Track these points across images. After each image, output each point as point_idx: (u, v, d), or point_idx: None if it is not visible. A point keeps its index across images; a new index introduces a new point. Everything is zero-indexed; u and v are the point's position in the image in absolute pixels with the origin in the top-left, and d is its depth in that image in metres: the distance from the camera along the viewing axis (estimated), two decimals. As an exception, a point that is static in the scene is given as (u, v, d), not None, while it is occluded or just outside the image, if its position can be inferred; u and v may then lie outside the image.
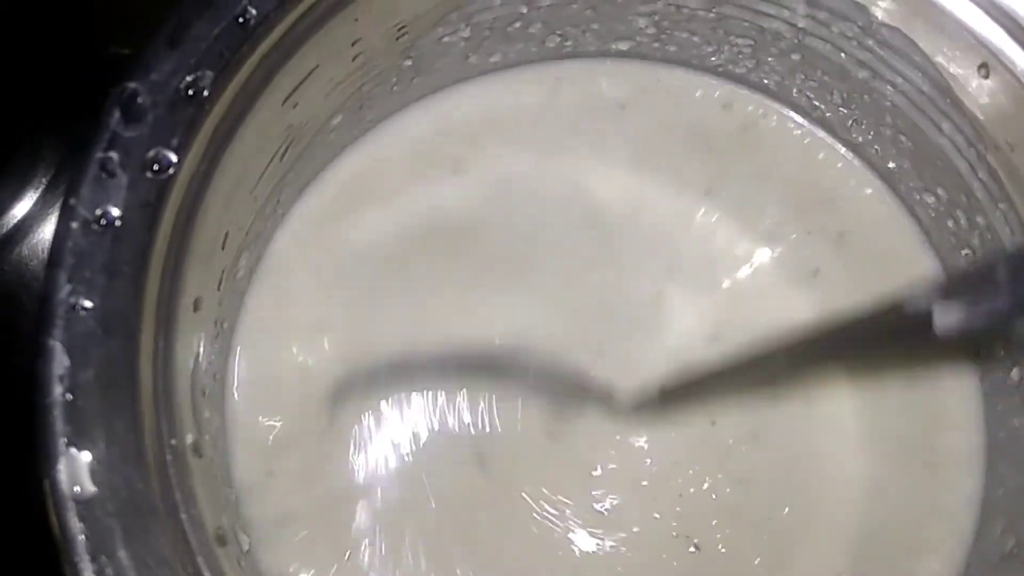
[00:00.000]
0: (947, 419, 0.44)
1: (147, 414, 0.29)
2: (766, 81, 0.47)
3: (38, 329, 0.28)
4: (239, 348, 0.43)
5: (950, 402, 0.44)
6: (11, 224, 0.51)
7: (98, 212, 0.29)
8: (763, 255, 0.46)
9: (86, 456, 0.28)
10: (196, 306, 0.34)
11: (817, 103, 0.47)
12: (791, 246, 0.46)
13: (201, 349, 0.36)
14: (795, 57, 0.45)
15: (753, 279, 0.45)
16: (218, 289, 0.39)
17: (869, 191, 0.48)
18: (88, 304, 0.29)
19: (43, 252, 0.51)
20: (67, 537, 0.27)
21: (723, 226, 0.46)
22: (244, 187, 0.37)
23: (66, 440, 0.28)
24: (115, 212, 0.29)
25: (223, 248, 0.37)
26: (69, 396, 0.28)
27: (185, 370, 0.33)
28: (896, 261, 0.46)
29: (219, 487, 0.37)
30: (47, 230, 0.51)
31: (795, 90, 0.47)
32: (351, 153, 0.46)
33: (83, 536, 0.27)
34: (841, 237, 0.47)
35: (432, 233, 0.45)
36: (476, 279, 0.45)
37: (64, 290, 0.28)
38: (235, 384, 0.43)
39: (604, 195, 0.47)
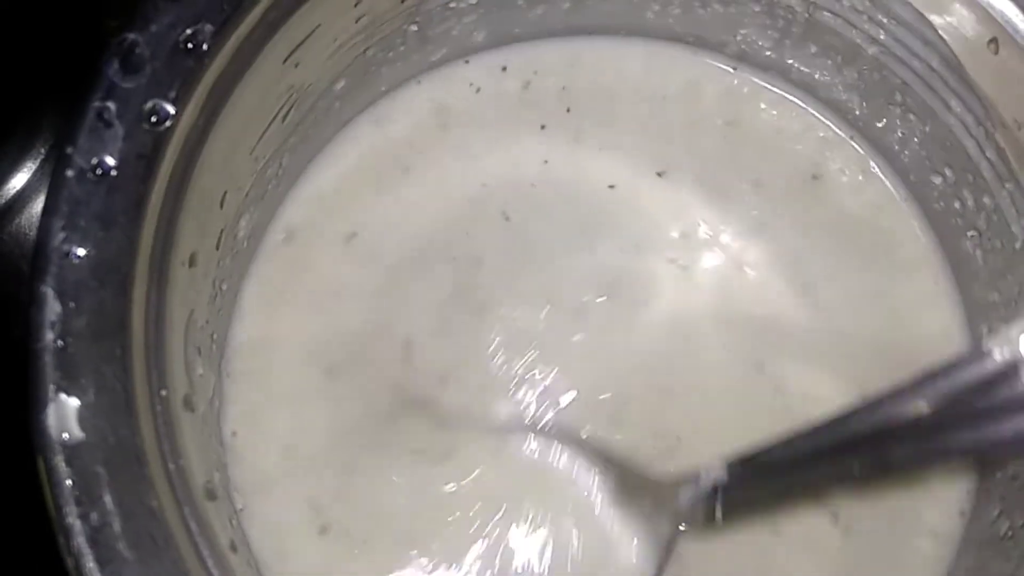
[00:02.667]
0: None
1: (137, 364, 0.29)
2: (770, 55, 0.47)
3: (32, 276, 0.28)
4: (242, 312, 0.43)
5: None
6: (10, 195, 0.51)
7: (94, 161, 0.29)
8: (756, 242, 0.45)
9: (74, 402, 0.28)
10: (192, 262, 0.34)
11: (825, 80, 0.46)
12: (785, 229, 0.46)
13: (197, 306, 0.36)
14: (805, 32, 0.44)
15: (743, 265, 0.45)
16: (216, 249, 0.39)
17: (873, 170, 0.47)
18: (81, 252, 0.29)
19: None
20: (53, 481, 0.27)
21: (728, 209, 0.46)
22: (243, 146, 0.37)
23: (55, 386, 0.28)
24: (111, 162, 0.29)
25: (221, 207, 0.37)
26: (60, 343, 0.28)
27: (179, 325, 0.33)
28: (897, 244, 0.46)
29: (212, 443, 0.37)
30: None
31: (802, 67, 0.46)
32: (361, 122, 0.46)
33: (69, 481, 0.27)
34: (841, 217, 0.46)
35: (450, 206, 0.45)
36: (502, 251, 0.44)
37: (58, 238, 0.29)
38: (236, 347, 0.43)
39: (610, 175, 0.46)
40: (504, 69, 0.47)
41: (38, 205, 0.51)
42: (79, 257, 0.29)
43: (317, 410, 0.42)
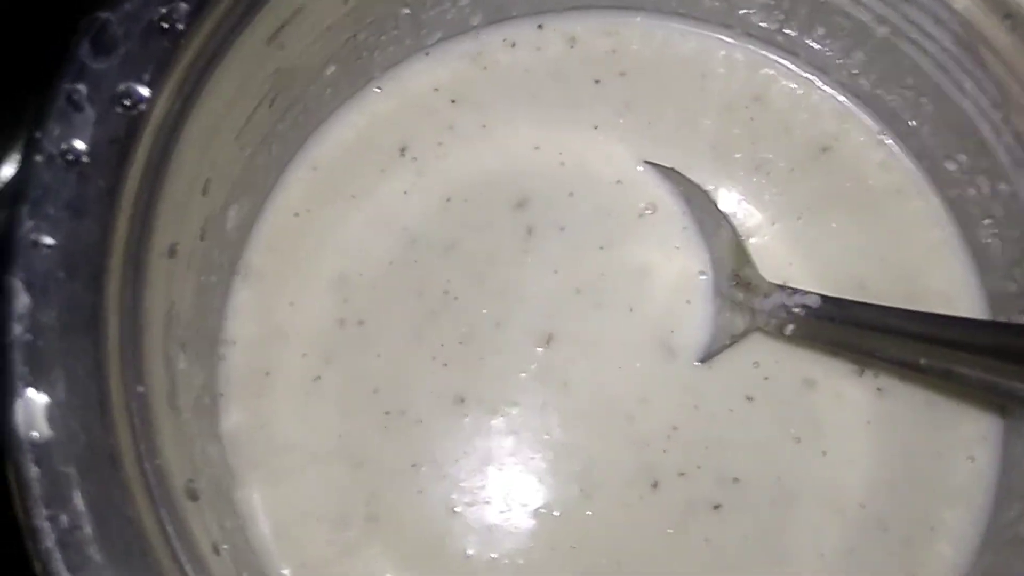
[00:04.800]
0: (966, 398, 0.42)
1: (111, 359, 0.28)
2: (780, 39, 0.45)
3: (1, 266, 0.27)
4: (234, 306, 0.42)
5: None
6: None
7: (64, 147, 0.28)
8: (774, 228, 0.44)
9: (43, 399, 0.26)
10: (172, 253, 0.33)
11: (837, 63, 0.45)
12: (804, 218, 0.44)
13: (179, 299, 0.34)
14: (811, 13, 0.43)
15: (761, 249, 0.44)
16: (201, 239, 0.37)
17: (886, 157, 0.45)
18: (50, 242, 0.27)
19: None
20: (21, 482, 0.26)
21: (737, 190, 0.44)
22: (227, 131, 0.36)
23: (23, 382, 0.26)
24: (81, 147, 0.28)
25: (204, 194, 0.36)
26: (29, 336, 0.27)
27: (157, 319, 0.31)
28: (916, 230, 0.44)
29: (200, 441, 0.35)
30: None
31: (813, 49, 0.45)
32: (352, 108, 0.45)
33: (37, 481, 0.26)
34: (859, 207, 0.45)
35: (446, 194, 0.44)
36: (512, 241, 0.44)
37: (26, 226, 0.27)
38: (228, 341, 0.42)
39: (607, 162, 0.45)
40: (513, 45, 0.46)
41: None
42: (48, 247, 0.27)
43: (319, 402, 0.41)
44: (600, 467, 0.41)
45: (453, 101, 0.45)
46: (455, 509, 0.41)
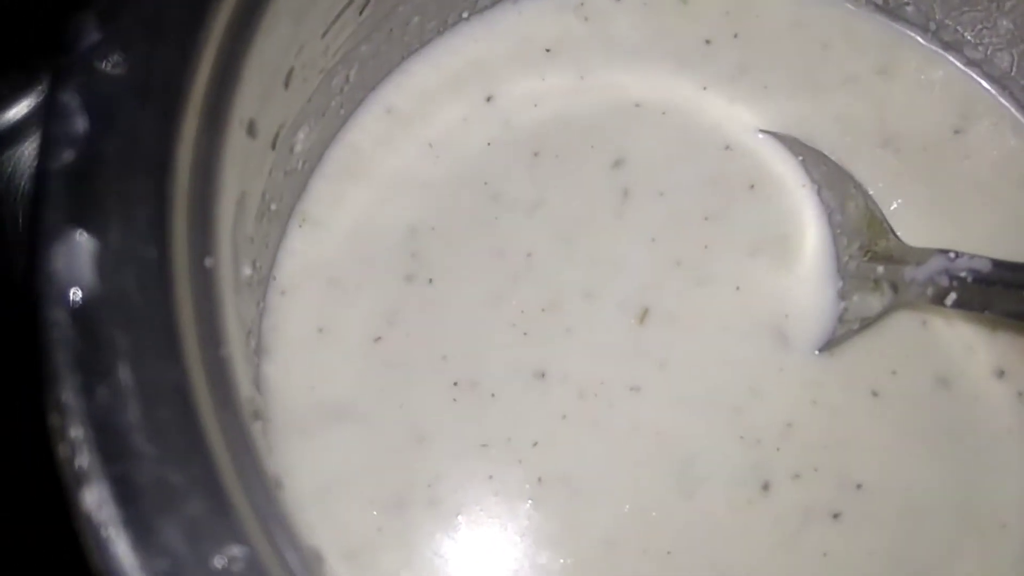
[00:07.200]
0: None
1: (179, 213, 0.22)
2: (909, 11, 0.41)
3: (53, 82, 0.21)
4: (289, 247, 0.37)
5: None
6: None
7: (147, -46, 0.23)
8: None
9: (93, 244, 0.20)
10: (250, 130, 0.27)
11: (969, 39, 0.41)
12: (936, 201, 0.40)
13: (249, 192, 0.29)
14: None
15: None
16: (272, 148, 0.32)
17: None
18: (121, 60, 0.22)
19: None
20: (52, 341, 0.19)
21: (863, 164, 0.40)
22: (317, 19, 0.31)
23: (70, 220, 0.20)
24: (169, -43, 0.23)
25: (286, 87, 0.31)
26: (82, 165, 0.21)
27: (230, 196, 0.26)
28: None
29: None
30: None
31: (946, 24, 0.41)
32: (436, 48, 0.40)
33: (76, 342, 0.20)
34: (994, 195, 0.40)
35: (535, 148, 0.39)
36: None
37: (91, 38, 0.22)
38: (279, 289, 0.37)
39: (716, 126, 0.40)
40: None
41: (29, 147, 0.43)
42: (118, 65, 0.22)
43: (378, 366, 0.36)
44: (703, 463, 0.36)
45: (548, 50, 0.41)
46: (529, 501, 0.35)
